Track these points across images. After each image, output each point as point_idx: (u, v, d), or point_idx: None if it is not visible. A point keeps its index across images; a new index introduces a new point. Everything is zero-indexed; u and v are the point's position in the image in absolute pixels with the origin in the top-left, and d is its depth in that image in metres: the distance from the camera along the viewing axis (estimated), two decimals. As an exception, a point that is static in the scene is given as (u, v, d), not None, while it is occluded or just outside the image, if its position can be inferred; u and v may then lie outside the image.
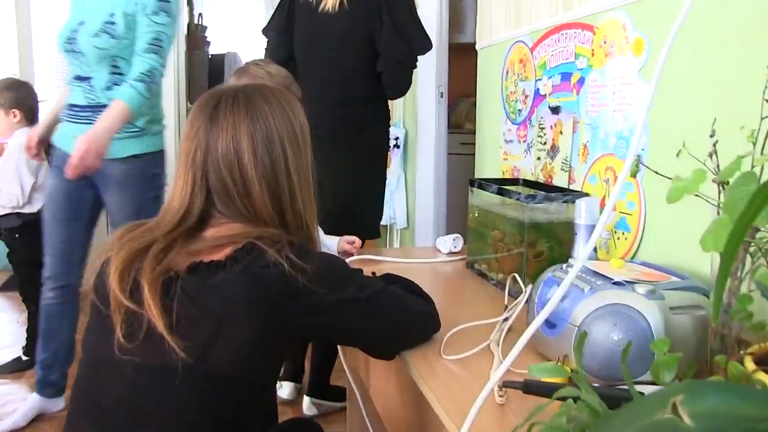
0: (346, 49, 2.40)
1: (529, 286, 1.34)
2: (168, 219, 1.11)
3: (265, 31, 2.61)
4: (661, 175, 1.05)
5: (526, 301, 1.32)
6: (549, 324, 1.19)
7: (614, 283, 1.13)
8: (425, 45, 2.47)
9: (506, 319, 1.40)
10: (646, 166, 1.17)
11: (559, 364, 1.12)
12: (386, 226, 3.92)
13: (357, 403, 1.96)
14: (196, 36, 5.63)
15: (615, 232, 1.57)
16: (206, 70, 6.16)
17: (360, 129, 2.48)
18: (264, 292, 1.01)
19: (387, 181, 3.91)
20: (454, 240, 2.15)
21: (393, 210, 3.78)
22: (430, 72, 3.35)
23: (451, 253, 2.13)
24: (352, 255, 2.03)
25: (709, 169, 0.93)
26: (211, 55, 6.84)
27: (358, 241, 2.00)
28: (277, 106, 1.14)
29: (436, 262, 2.03)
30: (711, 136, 0.97)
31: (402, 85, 2.53)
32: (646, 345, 1.05)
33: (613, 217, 1.58)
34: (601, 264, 1.25)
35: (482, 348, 1.26)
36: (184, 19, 5.28)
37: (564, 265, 1.27)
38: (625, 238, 1.53)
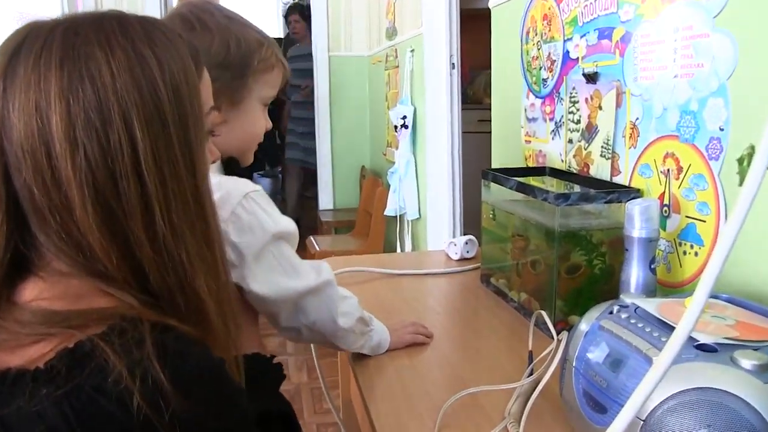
0: None
1: (563, 335, 0.94)
2: None
3: None
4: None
5: (559, 358, 0.91)
6: (596, 405, 0.78)
7: (698, 347, 0.72)
8: None
9: (531, 374, 0.99)
10: None
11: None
12: (396, 217, 3.51)
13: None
14: None
15: (681, 244, 1.15)
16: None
17: None
18: None
19: (395, 165, 3.54)
20: (466, 243, 1.75)
21: (402, 199, 3.36)
22: (439, 41, 2.91)
23: (462, 260, 1.73)
24: None
25: None
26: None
27: None
28: (126, 53, 0.61)
29: (445, 273, 1.63)
30: None
31: None
32: (760, 457, 0.64)
33: (677, 223, 1.15)
34: (669, 305, 0.84)
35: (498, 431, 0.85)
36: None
37: (616, 306, 0.86)
38: (695, 254, 1.11)
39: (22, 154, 0.59)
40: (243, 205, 0.94)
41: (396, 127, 3.38)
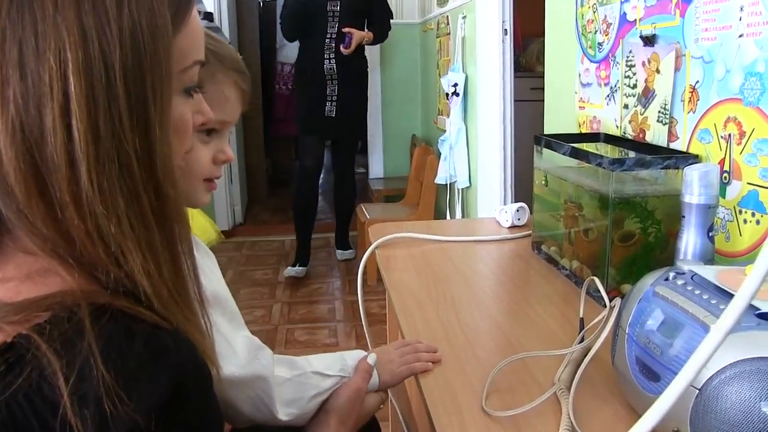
0: None
1: (615, 302, 0.92)
2: None
3: None
4: None
5: (612, 324, 0.89)
6: (649, 373, 0.77)
7: (760, 315, 0.69)
8: None
9: (582, 340, 0.98)
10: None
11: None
12: (446, 185, 3.49)
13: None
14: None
15: (741, 212, 1.11)
16: (257, 17, 5.79)
17: None
18: None
19: (446, 133, 3.52)
20: (517, 211, 1.72)
21: (453, 167, 3.34)
22: (492, 7, 2.86)
23: (513, 227, 1.70)
24: None
25: None
26: (263, 2, 6.45)
27: None
28: None
29: (495, 241, 1.61)
30: None
31: None
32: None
33: (738, 190, 1.11)
34: (729, 273, 0.81)
35: (546, 399, 0.84)
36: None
37: (672, 273, 0.83)
38: (757, 222, 1.07)
39: None
40: None
41: (447, 94, 3.35)
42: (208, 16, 3.84)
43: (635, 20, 1.44)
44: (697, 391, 0.66)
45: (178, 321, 0.55)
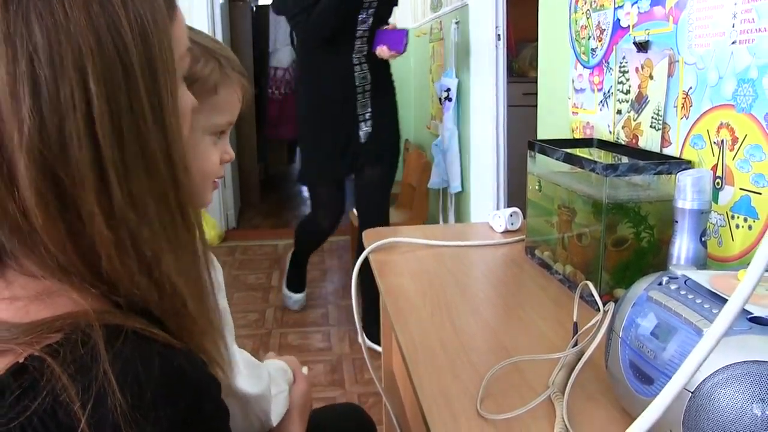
0: None
1: (609, 306, 0.92)
2: None
3: None
4: None
5: (605, 328, 0.89)
6: (642, 376, 0.77)
7: (752, 319, 0.70)
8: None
9: (575, 345, 0.98)
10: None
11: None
12: (439, 190, 3.50)
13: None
14: (237, -16, 5.24)
15: (733, 217, 1.12)
16: (250, 22, 5.80)
17: None
18: None
19: (439, 138, 3.52)
20: (510, 216, 1.73)
21: (446, 172, 3.35)
22: (485, 11, 2.88)
23: (507, 232, 1.71)
24: None
25: None
26: (256, 6, 6.45)
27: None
28: None
29: (489, 245, 1.61)
30: None
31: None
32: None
33: (731, 195, 1.12)
34: (721, 278, 0.82)
35: (540, 402, 0.85)
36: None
37: (665, 277, 0.84)
38: (749, 227, 1.08)
39: None
40: None
41: (440, 99, 3.36)
42: None
43: (629, 26, 1.45)
44: (690, 393, 0.67)
45: (197, 332, 0.55)
